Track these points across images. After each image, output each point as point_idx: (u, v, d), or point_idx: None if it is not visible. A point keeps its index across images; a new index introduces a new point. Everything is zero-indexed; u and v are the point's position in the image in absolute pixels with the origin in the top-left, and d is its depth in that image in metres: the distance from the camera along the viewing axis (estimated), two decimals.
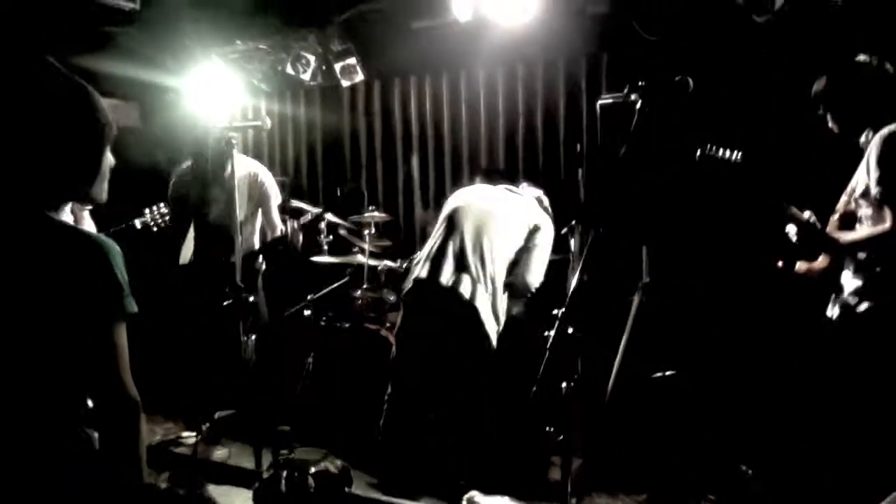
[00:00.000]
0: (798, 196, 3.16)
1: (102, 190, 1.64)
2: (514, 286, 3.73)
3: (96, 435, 1.55)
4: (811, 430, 3.27)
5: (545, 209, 4.04)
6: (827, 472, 3.19)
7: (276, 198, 4.48)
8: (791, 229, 3.15)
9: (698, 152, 3.22)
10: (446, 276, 3.58)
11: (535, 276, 3.74)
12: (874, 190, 2.83)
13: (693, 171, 3.81)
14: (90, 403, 1.56)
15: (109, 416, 1.53)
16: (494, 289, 3.62)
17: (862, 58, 3.00)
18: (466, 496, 2.51)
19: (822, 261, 3.11)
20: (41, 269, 1.45)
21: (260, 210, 4.47)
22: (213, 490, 3.68)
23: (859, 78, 2.98)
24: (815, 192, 3.25)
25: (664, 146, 4.28)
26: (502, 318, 3.70)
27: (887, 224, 2.80)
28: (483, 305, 3.57)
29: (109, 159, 1.64)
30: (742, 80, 4.35)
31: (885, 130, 2.86)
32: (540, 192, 4.25)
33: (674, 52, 4.38)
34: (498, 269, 3.64)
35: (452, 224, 3.76)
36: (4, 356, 1.44)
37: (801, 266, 3.21)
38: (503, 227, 3.72)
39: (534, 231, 3.77)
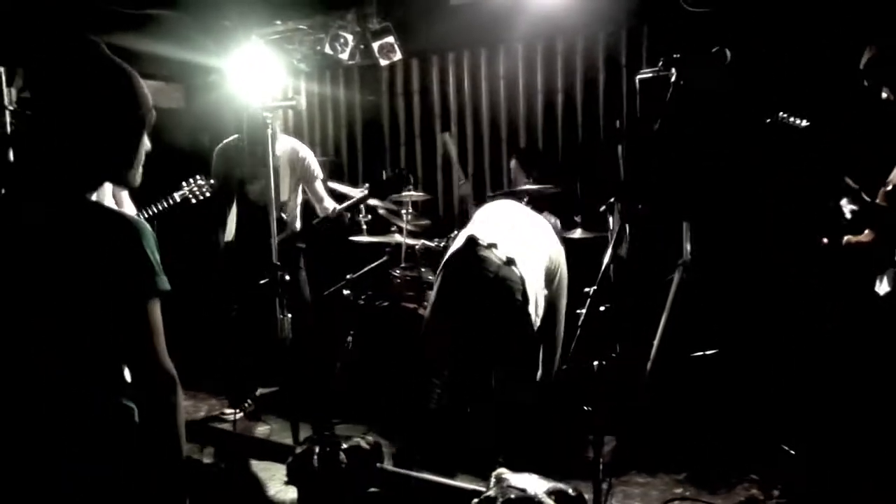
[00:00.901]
0: (849, 166, 3.08)
1: (137, 174, 1.67)
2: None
3: (136, 408, 1.59)
4: (855, 409, 3.20)
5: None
6: (871, 452, 3.12)
7: (318, 172, 4.47)
8: (845, 204, 3.05)
9: (768, 119, 3.18)
10: (505, 249, 3.50)
11: (562, 326, 3.80)
12: None
13: (739, 143, 3.74)
14: (128, 378, 1.60)
15: (147, 392, 1.57)
16: (538, 293, 3.56)
17: None
18: (495, 473, 2.52)
19: (866, 235, 3.02)
20: (77, 248, 1.49)
21: (303, 185, 4.48)
22: (254, 465, 3.76)
23: None
24: (865, 162, 3.16)
25: (710, 120, 4.21)
26: (537, 322, 3.59)
27: None
28: (531, 290, 3.48)
29: (146, 144, 1.67)
30: (788, 49, 4.22)
31: None
32: (557, 220, 4.23)
33: (717, 23, 4.27)
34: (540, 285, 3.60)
35: (506, 227, 3.70)
36: (44, 334, 1.48)
37: (848, 238, 3.13)
38: (542, 258, 3.68)
39: (556, 271, 3.76)
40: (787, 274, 4.09)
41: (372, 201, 4.62)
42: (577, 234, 4.38)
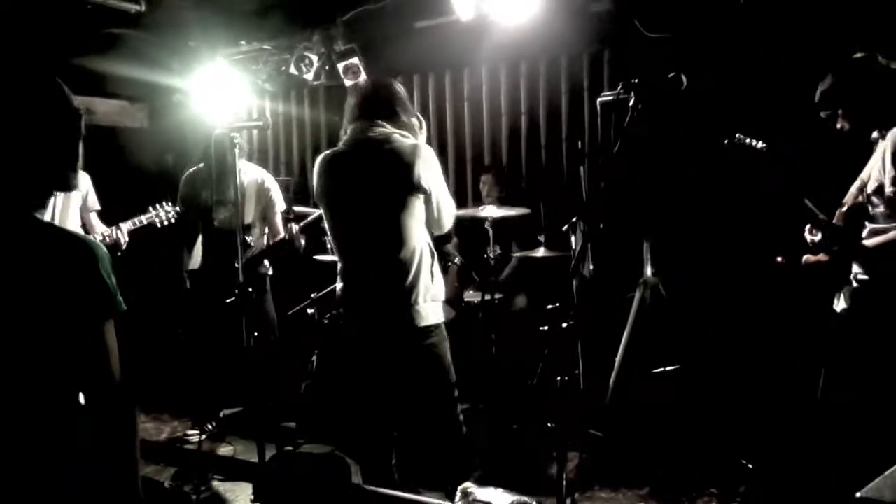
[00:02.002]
0: (809, 191, 3.18)
1: (78, 178, 1.65)
2: (437, 238, 3.19)
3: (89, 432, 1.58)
4: (811, 424, 3.28)
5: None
6: (828, 467, 3.20)
7: (280, 204, 4.52)
8: (810, 231, 3.14)
9: (726, 140, 3.27)
10: (380, 309, 3.03)
11: (448, 215, 3.14)
12: (889, 189, 2.83)
13: (718, 149, 3.85)
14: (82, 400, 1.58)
15: (102, 414, 1.55)
16: (419, 273, 3.01)
17: (860, 55, 3.00)
18: (461, 487, 2.54)
19: (824, 254, 3.12)
20: (29, 270, 1.47)
21: (264, 216, 4.51)
22: (218, 486, 3.73)
23: (867, 75, 2.97)
24: (818, 184, 3.27)
25: (667, 144, 4.30)
26: (440, 288, 3.12)
27: None
28: (426, 313, 3.02)
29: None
30: (744, 75, 4.34)
31: None
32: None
33: (676, 49, 4.39)
34: (415, 244, 3.01)
35: (343, 237, 3.17)
36: None
37: (806, 258, 3.21)
38: (389, 202, 2.99)
39: (413, 169, 2.96)
40: (752, 289, 4.18)
41: None
42: (541, 253, 4.44)
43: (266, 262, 4.51)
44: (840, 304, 3.09)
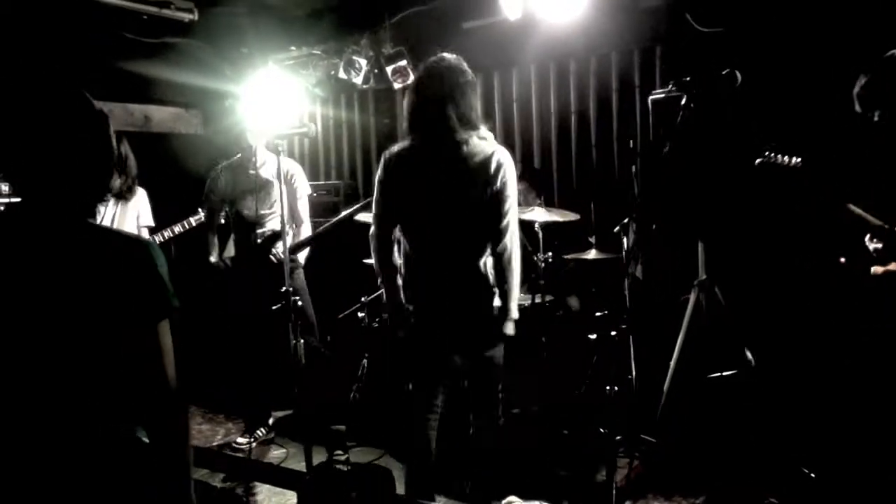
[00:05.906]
0: (857, 195, 3.06)
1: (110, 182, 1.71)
2: (502, 263, 2.91)
3: (142, 432, 1.60)
4: (875, 431, 3.15)
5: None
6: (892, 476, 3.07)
7: (304, 190, 4.50)
8: (871, 239, 3.03)
9: (757, 160, 3.17)
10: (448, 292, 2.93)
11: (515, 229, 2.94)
12: None
13: (751, 168, 3.74)
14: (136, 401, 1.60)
15: (155, 414, 1.57)
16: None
17: (892, 52, 2.90)
18: (505, 501, 2.49)
19: (893, 265, 3.00)
20: (87, 272, 1.50)
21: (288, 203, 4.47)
22: (269, 489, 3.75)
23: None
24: (872, 188, 3.14)
25: (720, 143, 4.18)
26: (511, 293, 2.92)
27: None
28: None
29: None
30: (800, 70, 4.19)
31: None
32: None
33: (730, 44, 4.26)
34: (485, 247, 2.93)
35: (417, 227, 3.05)
36: (54, 357, 1.49)
37: (875, 269, 3.10)
38: (465, 209, 2.89)
39: (494, 175, 2.86)
40: (812, 291, 4.04)
41: None
42: (592, 255, 4.36)
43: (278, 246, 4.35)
44: None
